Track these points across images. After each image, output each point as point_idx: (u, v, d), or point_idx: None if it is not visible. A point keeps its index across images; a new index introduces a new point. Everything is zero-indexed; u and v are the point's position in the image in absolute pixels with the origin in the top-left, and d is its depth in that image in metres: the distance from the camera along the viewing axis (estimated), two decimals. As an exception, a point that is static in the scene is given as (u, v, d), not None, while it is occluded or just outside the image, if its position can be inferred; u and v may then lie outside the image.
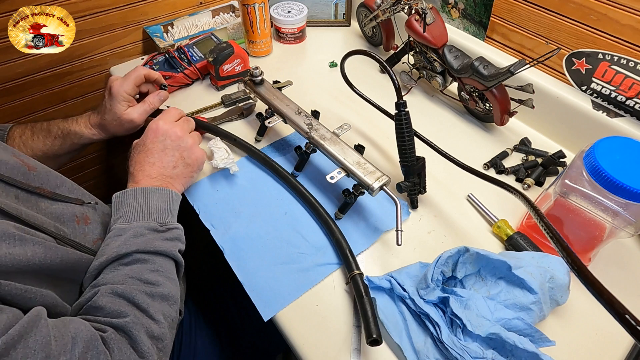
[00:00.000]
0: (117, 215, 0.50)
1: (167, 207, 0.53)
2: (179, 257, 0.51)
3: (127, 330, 0.40)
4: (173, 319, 0.46)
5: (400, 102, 0.57)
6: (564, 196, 0.49)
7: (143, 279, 0.45)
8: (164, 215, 0.51)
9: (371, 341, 0.44)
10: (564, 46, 0.68)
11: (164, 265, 0.48)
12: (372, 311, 0.47)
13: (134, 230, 0.48)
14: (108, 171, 1.12)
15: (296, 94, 0.76)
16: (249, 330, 0.68)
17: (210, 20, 0.97)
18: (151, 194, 0.52)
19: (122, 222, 0.49)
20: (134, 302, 0.42)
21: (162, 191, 0.53)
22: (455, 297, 0.47)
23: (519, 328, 0.44)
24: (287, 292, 0.52)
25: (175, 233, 0.51)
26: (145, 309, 0.43)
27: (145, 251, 0.47)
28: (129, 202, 0.51)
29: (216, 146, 0.66)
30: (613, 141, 0.47)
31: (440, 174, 0.66)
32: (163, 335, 0.43)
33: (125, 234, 0.47)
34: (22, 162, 0.48)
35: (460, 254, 0.49)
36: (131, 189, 0.52)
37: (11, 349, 0.31)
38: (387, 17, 0.81)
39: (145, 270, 0.46)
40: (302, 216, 0.61)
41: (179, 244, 0.51)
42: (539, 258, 0.50)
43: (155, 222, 0.50)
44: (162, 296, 0.45)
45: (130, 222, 0.49)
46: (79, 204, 0.52)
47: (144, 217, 0.50)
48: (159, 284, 0.45)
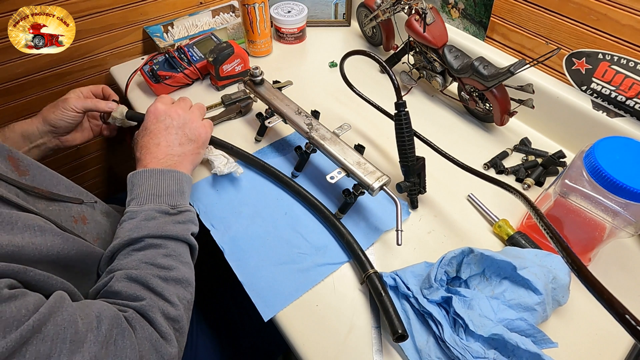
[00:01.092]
0: (131, 197, 0.51)
1: (178, 189, 0.53)
2: (192, 240, 0.51)
3: (144, 312, 0.41)
4: (188, 301, 0.47)
5: (399, 102, 0.57)
6: (564, 196, 0.49)
7: (156, 264, 0.45)
8: (175, 197, 0.52)
9: (397, 337, 0.45)
10: (564, 46, 0.68)
11: (177, 250, 0.48)
12: (393, 308, 0.47)
13: (145, 213, 0.48)
14: (108, 171, 1.12)
15: (296, 94, 0.76)
16: (249, 330, 0.68)
17: (210, 20, 0.97)
18: (161, 175, 0.53)
19: (135, 204, 0.50)
20: (148, 286, 0.43)
21: (172, 173, 0.54)
22: (458, 297, 0.47)
23: (522, 329, 0.44)
24: (287, 292, 0.52)
25: (187, 216, 0.52)
26: (160, 292, 0.43)
27: (157, 235, 0.47)
28: (141, 184, 0.51)
29: (212, 154, 0.65)
30: (613, 141, 0.47)
31: (440, 174, 0.66)
32: (179, 316, 0.44)
33: (137, 217, 0.48)
34: (14, 166, 0.48)
35: (464, 255, 0.49)
36: (142, 170, 0.53)
37: (42, 325, 0.32)
38: (387, 17, 0.81)
39: (158, 255, 0.46)
40: (302, 216, 0.61)
41: (191, 226, 0.52)
42: (541, 257, 0.50)
43: (166, 205, 0.50)
44: (176, 280, 0.46)
45: (142, 204, 0.50)
46: (77, 202, 0.52)
47: (155, 199, 0.50)
48: (172, 268, 0.46)
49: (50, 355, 0.32)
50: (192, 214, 0.53)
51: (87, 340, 0.35)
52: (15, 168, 0.47)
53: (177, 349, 0.42)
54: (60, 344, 0.33)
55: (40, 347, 0.32)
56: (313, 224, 0.60)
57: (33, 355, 0.31)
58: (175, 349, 0.42)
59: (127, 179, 0.53)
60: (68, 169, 1.01)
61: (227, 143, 0.68)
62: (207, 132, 0.62)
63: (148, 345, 0.40)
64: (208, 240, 0.58)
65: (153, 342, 0.40)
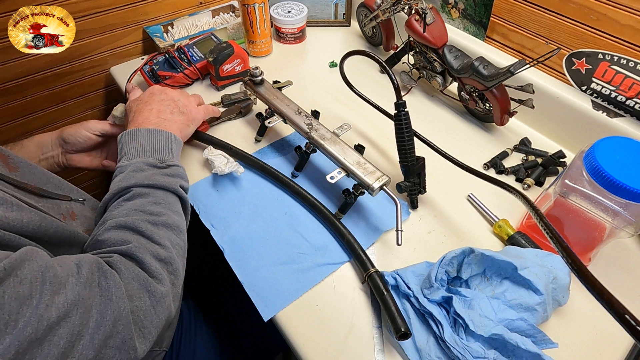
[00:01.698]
0: (121, 155, 0.53)
1: (166, 147, 0.55)
2: (182, 192, 0.52)
3: (131, 253, 0.41)
4: (181, 247, 0.47)
5: (399, 102, 0.57)
6: (564, 196, 0.49)
7: (146, 210, 0.46)
8: (163, 153, 0.54)
9: (400, 335, 0.45)
10: (564, 46, 0.68)
11: (166, 199, 0.49)
12: (395, 306, 0.47)
13: (134, 165, 0.50)
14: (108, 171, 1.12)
15: (296, 94, 0.76)
16: (249, 330, 0.68)
17: (210, 20, 0.97)
18: (150, 133, 0.55)
19: (125, 160, 0.52)
20: (137, 230, 0.44)
21: (161, 132, 0.56)
22: (459, 297, 0.47)
23: (522, 329, 0.45)
24: (287, 292, 0.52)
25: (176, 170, 0.53)
26: (150, 235, 0.44)
27: (145, 185, 0.48)
28: (130, 142, 0.53)
29: (211, 154, 0.64)
30: (613, 141, 0.47)
31: (440, 174, 0.66)
32: (171, 259, 0.44)
33: (126, 170, 0.50)
34: (3, 161, 0.47)
35: (465, 255, 0.49)
36: (132, 129, 0.55)
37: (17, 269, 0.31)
38: (387, 17, 0.81)
39: (147, 202, 0.47)
40: (302, 216, 0.61)
41: (180, 180, 0.53)
42: (542, 256, 0.50)
43: (154, 159, 0.52)
44: (166, 225, 0.46)
45: (131, 159, 0.51)
46: (66, 200, 0.52)
47: (143, 154, 0.52)
48: (162, 214, 0.47)
49: (30, 296, 0.31)
50: (180, 170, 0.54)
51: (69, 283, 0.34)
52: (5, 164, 0.47)
53: (169, 289, 0.42)
54: (40, 285, 0.32)
55: (18, 288, 0.30)
56: (313, 224, 0.60)
57: (12, 296, 0.30)
58: (167, 288, 0.42)
59: (118, 139, 0.55)
60: (68, 169, 1.01)
61: (226, 143, 0.68)
62: (198, 111, 0.64)
63: (136, 285, 0.39)
64: (208, 240, 0.58)
65: (141, 282, 0.39)
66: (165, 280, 0.42)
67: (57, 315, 0.32)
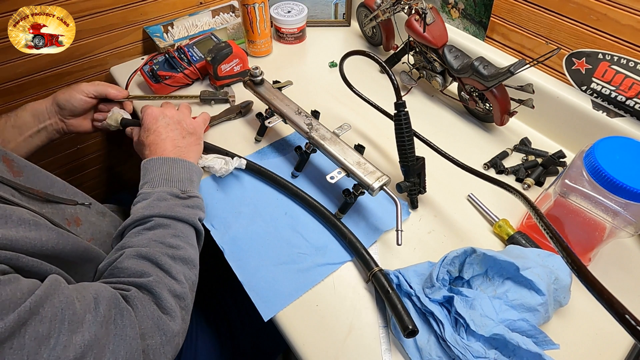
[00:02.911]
0: (144, 181, 0.54)
1: (188, 177, 0.56)
2: (199, 225, 0.53)
3: (150, 288, 0.42)
4: (193, 282, 0.49)
5: (399, 102, 0.57)
6: (564, 196, 0.49)
7: (165, 243, 0.47)
8: (185, 183, 0.55)
9: (408, 333, 0.45)
10: (564, 46, 0.68)
11: (184, 231, 0.51)
12: (401, 304, 0.47)
13: (158, 194, 0.51)
14: (108, 171, 1.12)
15: (296, 94, 0.76)
16: (249, 330, 0.68)
17: (210, 20, 0.97)
18: (174, 163, 0.56)
19: (148, 187, 0.53)
20: (157, 263, 0.45)
21: (182, 162, 0.57)
22: (460, 297, 0.47)
23: (524, 329, 0.45)
24: (287, 292, 0.52)
25: (196, 201, 0.54)
26: (168, 269, 0.45)
27: (167, 216, 0.50)
28: (155, 169, 0.55)
29: (206, 161, 0.64)
30: (613, 141, 0.47)
31: (440, 174, 0.66)
32: (184, 294, 0.45)
33: (149, 197, 0.51)
34: (8, 166, 0.48)
35: (467, 255, 0.49)
36: (157, 157, 0.56)
37: (40, 307, 0.33)
38: (387, 17, 0.81)
39: (167, 234, 0.48)
40: (302, 216, 0.61)
41: (199, 212, 0.54)
42: (544, 257, 0.50)
43: (177, 189, 0.53)
44: (183, 259, 0.48)
45: (155, 187, 0.53)
46: (72, 204, 0.52)
47: (167, 183, 0.54)
48: (180, 247, 0.48)
49: (49, 335, 0.32)
50: (200, 201, 0.56)
51: (86, 321, 0.35)
52: (9, 169, 0.47)
53: (180, 326, 0.43)
54: (59, 324, 0.33)
55: (38, 327, 0.32)
56: (313, 224, 0.60)
57: (32, 336, 0.31)
58: (179, 325, 0.43)
59: (142, 165, 0.56)
60: (68, 169, 1.01)
61: (222, 149, 0.68)
62: (200, 126, 0.66)
63: (150, 324, 0.40)
64: (208, 240, 0.58)
65: (155, 320, 0.41)
66: (178, 318, 0.43)
67: (74, 355, 0.33)
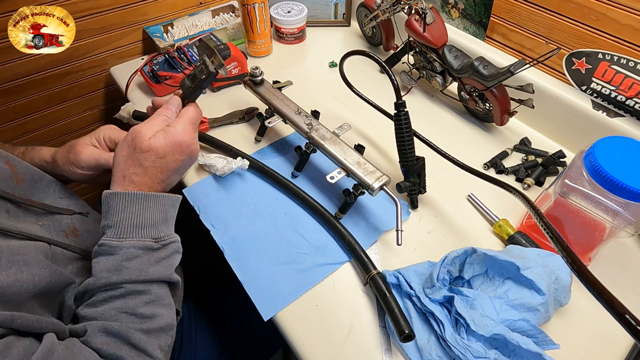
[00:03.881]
0: (107, 222, 0.44)
1: (162, 218, 0.47)
2: (175, 277, 0.46)
3: None
4: (169, 345, 0.45)
5: (399, 102, 0.57)
6: (564, 196, 0.49)
7: (138, 314, 0.42)
8: (159, 227, 0.46)
9: (404, 337, 0.45)
10: (564, 46, 0.68)
11: (159, 293, 0.44)
12: (398, 308, 0.47)
13: (126, 251, 0.43)
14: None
15: (296, 94, 0.76)
16: (249, 330, 0.68)
17: (210, 20, 0.97)
18: (148, 201, 0.45)
19: (113, 235, 0.43)
20: (129, 342, 0.40)
21: (158, 198, 0.46)
22: (460, 297, 0.47)
23: (524, 329, 0.45)
24: (287, 292, 0.52)
25: (172, 248, 0.47)
26: (143, 347, 0.41)
27: (139, 281, 0.43)
28: (121, 210, 0.44)
29: (208, 159, 0.64)
30: (613, 141, 0.47)
31: (440, 174, 0.66)
32: None
33: (116, 253, 0.42)
34: (12, 171, 0.47)
35: (467, 255, 0.49)
36: (124, 193, 0.44)
37: None
38: (387, 17, 0.81)
39: (140, 303, 0.42)
40: (302, 216, 0.61)
41: (175, 259, 0.47)
42: (544, 256, 0.50)
43: (149, 240, 0.44)
44: (158, 329, 0.43)
45: (121, 237, 0.43)
46: (69, 214, 0.51)
47: (137, 231, 0.44)
48: (155, 316, 0.43)
49: None
50: (176, 245, 0.47)
51: None
52: (13, 174, 0.47)
53: None
54: None
55: None
56: (313, 224, 0.60)
57: None
58: None
59: (103, 197, 0.44)
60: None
61: (226, 145, 0.68)
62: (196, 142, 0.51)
63: None
64: (208, 240, 0.58)
65: None
66: None
67: None
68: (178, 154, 0.47)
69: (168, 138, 0.46)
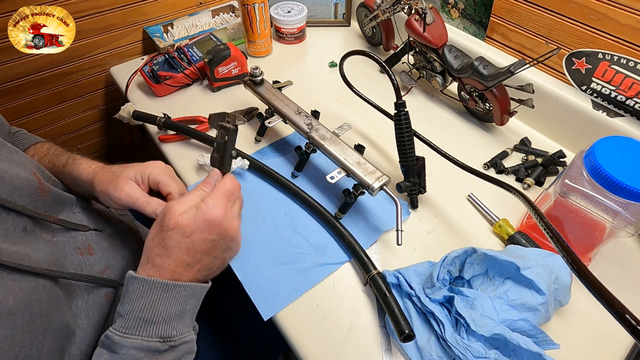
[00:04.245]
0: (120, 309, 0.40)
1: (179, 312, 0.42)
2: None
3: None
4: None
5: (399, 102, 0.57)
6: (564, 196, 0.49)
7: None
8: (172, 324, 0.41)
9: (404, 337, 0.45)
10: (564, 46, 0.68)
11: None
12: (398, 308, 0.47)
13: (127, 352, 0.38)
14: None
15: (296, 94, 0.76)
16: (249, 330, 0.68)
17: (210, 20, 0.97)
18: (165, 292, 0.40)
19: (120, 328, 0.39)
20: None
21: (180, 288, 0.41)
22: (460, 297, 0.47)
23: (524, 329, 0.45)
24: (287, 292, 0.52)
25: (181, 350, 0.42)
26: None
27: None
28: (135, 298, 0.40)
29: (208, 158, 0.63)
30: (613, 141, 0.47)
31: (440, 174, 0.66)
32: None
33: (117, 352, 0.38)
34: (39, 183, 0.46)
35: (467, 255, 0.49)
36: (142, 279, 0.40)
37: None
38: (387, 17, 0.81)
39: None
40: (302, 216, 0.61)
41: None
42: (544, 256, 0.50)
43: (156, 340, 0.39)
44: None
45: (126, 333, 0.39)
46: (84, 230, 0.49)
47: (144, 329, 0.39)
48: None
49: None
50: (187, 345, 0.43)
51: None
52: (40, 185, 0.46)
53: None
54: None
55: None
56: (313, 224, 0.60)
57: None
58: None
59: (125, 278, 0.41)
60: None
61: None
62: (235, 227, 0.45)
63: None
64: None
65: None
66: None
67: None
68: (207, 233, 0.41)
69: (197, 215, 0.41)
